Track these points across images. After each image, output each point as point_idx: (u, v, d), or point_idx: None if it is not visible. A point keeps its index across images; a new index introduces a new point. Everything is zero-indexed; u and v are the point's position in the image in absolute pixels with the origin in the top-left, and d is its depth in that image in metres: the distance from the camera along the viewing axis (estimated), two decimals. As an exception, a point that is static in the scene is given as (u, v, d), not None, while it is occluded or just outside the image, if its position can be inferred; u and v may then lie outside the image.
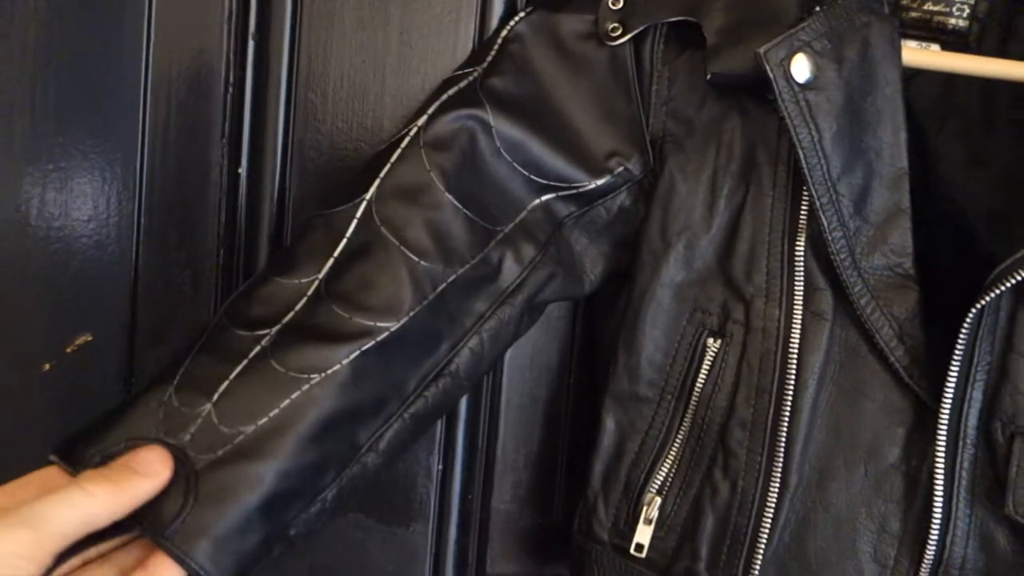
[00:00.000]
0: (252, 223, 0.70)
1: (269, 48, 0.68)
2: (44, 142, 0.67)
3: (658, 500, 0.64)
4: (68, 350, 0.68)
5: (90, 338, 0.68)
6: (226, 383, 0.53)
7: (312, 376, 0.54)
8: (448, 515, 0.75)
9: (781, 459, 0.61)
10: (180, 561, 0.48)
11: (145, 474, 0.48)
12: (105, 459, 0.50)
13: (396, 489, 0.73)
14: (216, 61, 0.68)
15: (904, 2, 0.67)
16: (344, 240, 0.58)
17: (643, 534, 0.64)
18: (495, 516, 0.76)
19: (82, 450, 0.51)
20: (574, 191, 0.64)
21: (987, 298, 0.55)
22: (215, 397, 0.53)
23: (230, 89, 0.68)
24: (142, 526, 0.49)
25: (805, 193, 0.61)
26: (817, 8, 0.60)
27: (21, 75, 0.66)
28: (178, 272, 0.69)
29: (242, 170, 0.69)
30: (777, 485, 0.61)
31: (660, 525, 0.64)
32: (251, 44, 0.68)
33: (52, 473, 0.50)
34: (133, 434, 0.51)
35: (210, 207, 0.69)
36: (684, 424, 0.64)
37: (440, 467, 0.74)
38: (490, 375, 0.74)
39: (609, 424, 0.66)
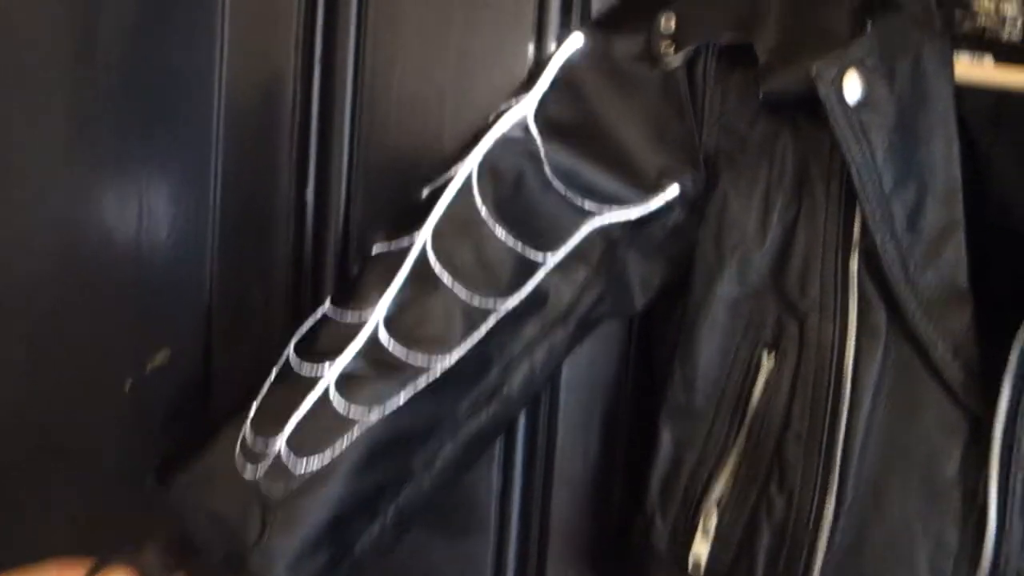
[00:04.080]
0: (319, 245, 0.74)
1: (335, 74, 0.71)
2: (125, 164, 0.71)
3: (715, 512, 0.65)
4: (148, 367, 0.72)
5: (168, 357, 0.72)
6: (294, 421, 0.58)
7: (371, 411, 0.58)
8: (508, 526, 0.77)
9: (836, 474, 0.61)
10: None
11: None
12: (190, 489, 0.56)
13: (458, 501, 0.75)
14: (284, 86, 0.72)
15: (956, 18, 0.67)
16: (400, 276, 0.61)
17: (701, 546, 0.65)
18: (554, 527, 0.77)
19: (173, 477, 0.58)
20: (627, 211, 0.65)
21: (1041, 313, 0.55)
22: (285, 434, 0.58)
23: (297, 113, 0.72)
24: (226, 555, 0.55)
25: (858, 208, 0.61)
26: (868, 23, 0.60)
27: (106, 95, 0.71)
28: (250, 289, 0.73)
29: (309, 191, 0.72)
30: (833, 500, 0.61)
31: (718, 537, 0.65)
32: (317, 69, 0.72)
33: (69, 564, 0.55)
34: (215, 468, 0.58)
35: (280, 227, 0.73)
36: (740, 437, 0.65)
37: (500, 479, 0.76)
38: (547, 389, 0.76)
39: (666, 437, 0.67)
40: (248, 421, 0.59)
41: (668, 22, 0.65)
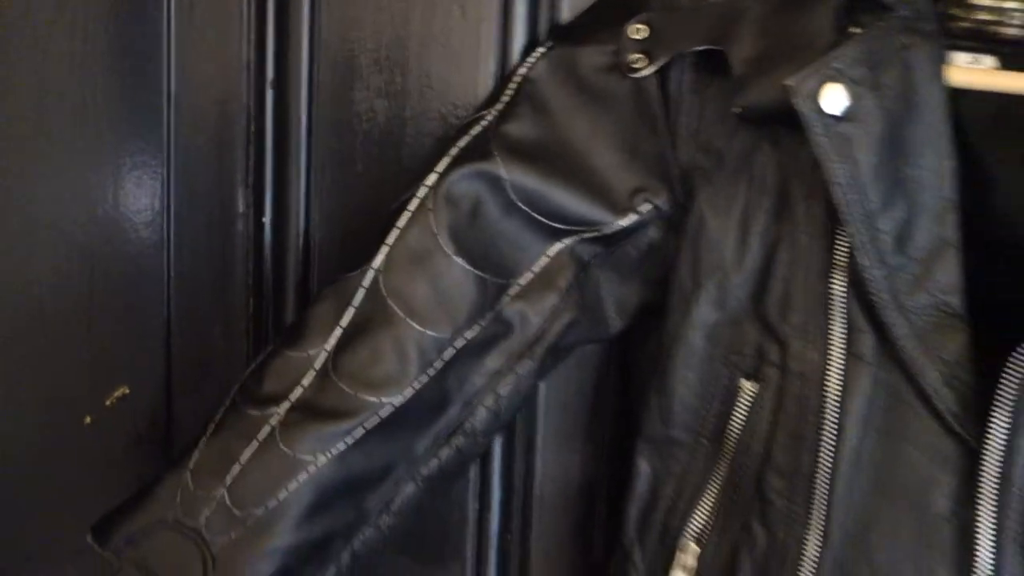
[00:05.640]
0: (279, 271, 0.71)
1: (288, 96, 0.68)
2: (75, 202, 0.68)
3: (694, 548, 0.62)
4: (107, 403, 0.70)
5: (127, 391, 0.70)
6: (237, 467, 0.56)
7: (318, 456, 0.56)
8: (486, 555, 0.74)
9: (824, 510, 0.58)
10: None
11: None
12: (129, 544, 0.54)
13: (432, 529, 0.73)
14: (236, 112, 0.68)
15: (953, 11, 0.62)
16: (351, 310, 0.58)
17: (679, 583, 0.62)
18: (534, 556, 0.75)
19: (112, 532, 0.55)
20: (598, 232, 0.62)
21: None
22: (228, 481, 0.55)
23: (251, 139, 0.68)
24: None
25: (842, 229, 0.57)
26: (852, 31, 0.56)
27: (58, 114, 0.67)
28: (209, 323, 0.71)
29: (266, 219, 0.69)
30: (820, 538, 0.58)
31: (697, 574, 0.62)
32: (270, 93, 0.68)
33: None
34: (153, 521, 0.55)
35: (237, 258, 0.70)
36: (721, 469, 0.62)
37: (477, 506, 0.74)
38: (525, 411, 0.73)
39: (643, 468, 0.64)
40: (189, 470, 0.56)
41: (638, 31, 0.61)
